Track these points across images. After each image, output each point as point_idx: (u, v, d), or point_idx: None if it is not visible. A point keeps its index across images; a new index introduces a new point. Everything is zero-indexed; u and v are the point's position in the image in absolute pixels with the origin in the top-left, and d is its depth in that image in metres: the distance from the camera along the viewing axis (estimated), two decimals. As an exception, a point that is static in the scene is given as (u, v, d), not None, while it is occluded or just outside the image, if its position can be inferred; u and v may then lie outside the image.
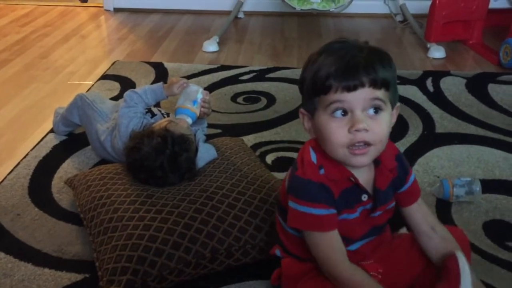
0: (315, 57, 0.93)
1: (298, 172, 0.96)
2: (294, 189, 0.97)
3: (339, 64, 0.89)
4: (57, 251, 1.28)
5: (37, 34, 2.94)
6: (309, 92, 0.94)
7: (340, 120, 0.91)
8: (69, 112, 1.73)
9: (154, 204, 1.25)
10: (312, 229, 0.96)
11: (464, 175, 1.54)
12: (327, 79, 0.89)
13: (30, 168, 1.62)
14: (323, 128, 0.92)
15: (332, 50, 0.92)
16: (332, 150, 0.93)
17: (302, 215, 0.95)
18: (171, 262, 1.12)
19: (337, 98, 0.89)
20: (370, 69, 0.89)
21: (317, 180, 0.94)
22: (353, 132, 0.89)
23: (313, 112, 0.94)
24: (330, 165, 0.96)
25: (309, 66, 0.93)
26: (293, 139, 1.80)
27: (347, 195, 0.97)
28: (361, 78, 0.88)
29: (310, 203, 0.94)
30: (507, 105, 2.04)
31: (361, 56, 0.90)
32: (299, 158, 0.99)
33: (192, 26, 3.10)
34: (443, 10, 2.49)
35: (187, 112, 1.55)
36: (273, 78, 2.30)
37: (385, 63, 0.91)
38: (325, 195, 0.94)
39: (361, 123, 0.89)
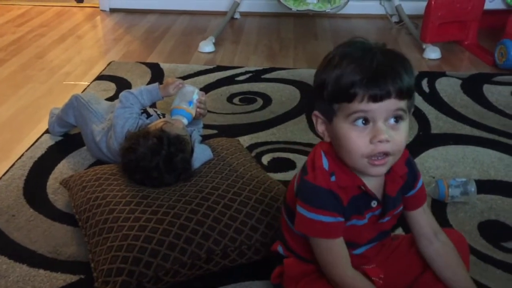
0: (337, 60, 0.88)
1: (308, 177, 0.94)
2: (303, 194, 0.96)
3: (366, 72, 0.85)
4: (52, 252, 1.27)
5: (33, 34, 2.93)
6: (330, 97, 0.89)
7: (361, 129, 0.88)
8: (64, 112, 1.73)
9: (150, 205, 1.25)
10: (319, 236, 0.95)
11: (459, 176, 1.55)
12: (352, 86, 0.85)
13: (25, 169, 1.62)
14: (343, 136, 0.90)
15: (355, 54, 0.88)
16: (351, 159, 0.91)
17: (310, 221, 0.94)
18: (167, 263, 1.12)
19: (362, 108, 0.86)
20: (397, 78, 0.86)
21: (328, 187, 0.93)
22: (375, 142, 0.87)
23: (331, 117, 0.91)
24: (341, 172, 0.94)
25: (330, 69, 0.89)
26: (289, 139, 1.80)
27: (357, 202, 0.96)
28: (388, 88, 0.85)
29: (320, 210, 0.93)
30: (502, 105, 2.05)
31: (388, 63, 0.87)
32: (310, 162, 0.97)
33: (188, 26, 3.10)
34: (439, 11, 2.50)
35: (183, 113, 1.54)
36: (269, 78, 2.30)
37: (409, 70, 0.88)
38: (334, 202, 0.93)
39: (384, 134, 0.87)
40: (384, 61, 0.87)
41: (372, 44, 0.91)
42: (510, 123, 1.91)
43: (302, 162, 1.61)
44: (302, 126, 1.88)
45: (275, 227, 1.21)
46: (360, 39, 0.93)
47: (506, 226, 1.38)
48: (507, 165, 1.64)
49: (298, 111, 2.00)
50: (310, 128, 1.86)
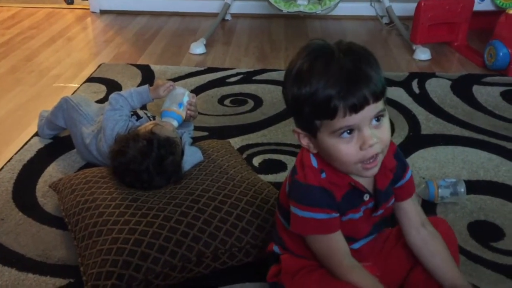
0: (305, 75, 0.87)
1: (298, 177, 0.95)
2: (295, 194, 0.96)
3: (340, 84, 0.84)
4: (41, 256, 1.26)
5: (23, 37, 2.91)
6: (309, 115, 0.89)
7: (348, 139, 0.88)
8: (54, 115, 1.72)
9: (140, 207, 1.24)
10: (314, 233, 0.96)
11: (449, 176, 1.55)
12: (331, 101, 0.84)
13: (14, 172, 1.61)
14: (332, 149, 0.90)
15: (320, 65, 0.87)
16: (344, 167, 0.92)
17: (304, 220, 0.94)
18: (157, 266, 1.12)
19: (346, 123, 0.86)
20: (371, 83, 0.85)
21: (318, 184, 0.93)
22: (365, 149, 0.88)
23: (314, 133, 0.91)
24: (330, 171, 0.95)
25: (301, 86, 0.87)
26: (280, 141, 1.80)
27: (350, 197, 0.97)
28: (365, 96, 0.85)
29: (312, 208, 0.93)
30: (491, 106, 2.06)
31: (356, 68, 0.86)
32: (298, 162, 0.97)
33: (179, 28, 3.10)
34: (429, 12, 2.51)
35: (173, 115, 1.54)
36: (260, 80, 2.30)
37: (377, 68, 0.88)
38: (327, 199, 0.93)
39: (371, 139, 0.87)
40: (352, 66, 0.86)
41: (332, 47, 0.89)
42: (499, 124, 1.92)
43: (293, 164, 1.63)
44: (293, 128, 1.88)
45: (266, 229, 1.21)
46: (318, 42, 0.92)
47: (495, 226, 1.38)
48: (496, 165, 1.65)
49: (289, 113, 1.99)
50: (301, 130, 1.86)
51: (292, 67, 0.91)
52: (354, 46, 0.90)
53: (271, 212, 1.24)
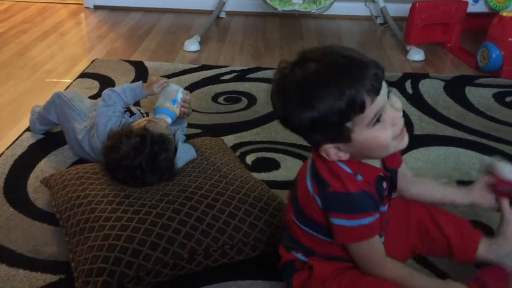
0: (311, 90, 0.85)
1: (334, 187, 0.92)
2: (338, 206, 0.93)
3: (354, 74, 0.84)
4: (32, 252, 1.26)
5: (15, 31, 2.89)
6: (337, 123, 0.86)
7: (382, 125, 0.88)
8: (46, 110, 1.71)
9: (132, 204, 1.24)
10: (363, 239, 0.95)
11: (441, 177, 1.56)
12: (356, 97, 0.84)
13: (5, 167, 1.59)
14: (373, 141, 0.89)
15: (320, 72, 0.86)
16: (383, 152, 0.92)
17: (352, 229, 0.93)
18: (149, 263, 1.11)
19: (376, 108, 0.86)
20: (369, 61, 0.87)
21: (360, 189, 0.92)
22: (397, 123, 0.90)
23: (347, 137, 0.88)
24: (363, 169, 0.94)
25: (314, 104, 0.85)
26: (274, 139, 1.80)
27: (379, 190, 0.97)
28: (377, 74, 0.86)
29: (360, 214, 0.92)
30: (484, 107, 2.08)
31: (359, 56, 0.87)
32: (326, 173, 0.94)
33: (173, 25, 3.09)
34: (423, 13, 2.52)
35: (167, 112, 1.53)
36: (254, 78, 2.30)
37: (356, 50, 0.91)
38: (370, 201, 0.93)
39: (398, 112, 0.89)
40: (344, 59, 0.86)
41: (306, 56, 0.89)
42: (491, 125, 1.93)
43: (286, 162, 1.65)
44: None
45: (258, 227, 1.21)
46: (287, 64, 0.90)
47: (487, 226, 1.39)
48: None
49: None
50: (294, 128, 1.86)
51: (287, 94, 0.89)
52: (321, 47, 0.91)
53: (263, 210, 1.24)
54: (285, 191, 1.48)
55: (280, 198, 1.31)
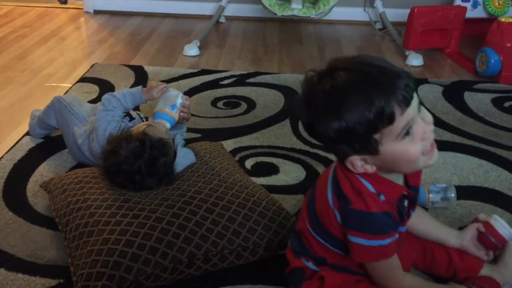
0: (339, 100, 0.83)
1: (356, 206, 0.91)
2: (359, 225, 0.92)
3: (386, 85, 0.82)
4: (31, 256, 1.26)
5: (15, 35, 2.89)
6: (365, 134, 0.84)
7: (411, 138, 0.86)
8: (46, 114, 1.71)
9: (131, 208, 1.24)
10: (381, 259, 0.95)
11: (440, 182, 1.56)
12: (385, 108, 0.82)
13: (5, 171, 1.59)
14: (401, 154, 0.87)
15: (348, 81, 0.84)
16: (411, 167, 0.90)
17: (371, 249, 0.93)
18: (148, 268, 1.11)
19: (405, 120, 0.83)
20: (402, 72, 0.85)
21: (382, 210, 0.91)
22: (427, 137, 0.87)
23: (375, 149, 0.86)
24: (386, 188, 0.93)
25: (342, 112, 0.83)
26: (273, 144, 1.80)
27: (400, 210, 0.96)
28: (409, 84, 0.84)
29: (380, 235, 0.92)
30: (482, 112, 2.08)
31: (389, 66, 0.85)
32: (348, 190, 0.93)
33: (173, 29, 3.09)
34: (422, 18, 2.53)
35: (166, 117, 1.54)
36: (254, 83, 2.31)
37: (386, 60, 0.89)
38: (391, 222, 0.92)
39: (429, 125, 0.87)
40: (374, 69, 0.84)
41: (335, 65, 0.87)
42: (489, 130, 1.94)
43: (285, 167, 1.65)
44: (286, 131, 1.89)
45: (257, 231, 1.21)
46: (314, 73, 0.89)
47: (485, 231, 1.39)
48: (486, 171, 1.66)
49: (282, 116, 2.00)
50: (293, 133, 1.87)
51: (314, 104, 0.87)
52: (351, 57, 0.89)
53: (263, 215, 1.25)
54: (284, 195, 1.49)
55: (279, 202, 1.32)
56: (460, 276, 1.13)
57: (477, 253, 1.14)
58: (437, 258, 1.15)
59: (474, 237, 1.14)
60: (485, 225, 1.14)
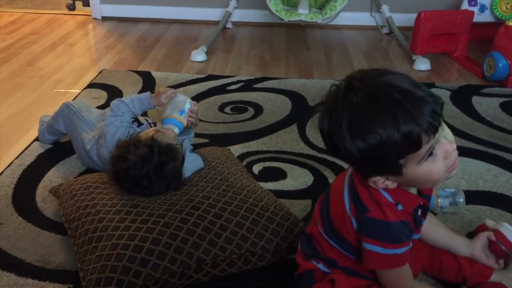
0: (368, 123, 0.81)
1: (373, 214, 0.91)
2: (375, 233, 0.93)
3: (410, 114, 0.79)
4: (40, 261, 1.26)
5: (24, 42, 2.92)
6: (391, 159, 0.83)
7: (433, 158, 0.86)
8: (54, 120, 1.72)
9: (140, 213, 1.25)
10: (394, 267, 0.96)
11: (448, 186, 1.55)
12: (411, 136, 0.80)
13: (14, 177, 1.61)
14: (423, 175, 0.87)
15: (376, 105, 0.81)
16: (433, 184, 0.92)
17: (385, 257, 0.93)
18: (156, 273, 1.12)
19: (430, 145, 0.83)
20: (428, 96, 0.82)
21: (399, 219, 0.91)
22: (449, 156, 0.87)
23: (399, 171, 0.86)
24: (404, 199, 0.93)
25: (369, 136, 0.81)
26: (280, 149, 1.80)
27: (415, 219, 0.97)
28: (436, 111, 0.82)
29: (396, 244, 0.92)
30: (491, 117, 2.07)
31: (418, 90, 0.82)
32: (366, 198, 0.93)
33: (180, 35, 3.11)
34: (429, 23, 2.53)
35: (174, 122, 1.55)
36: (261, 88, 2.31)
37: (413, 79, 0.86)
38: (408, 231, 0.93)
39: (452, 145, 0.87)
40: (415, 90, 0.81)
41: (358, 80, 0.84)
42: (498, 135, 1.93)
43: (293, 172, 1.65)
44: (293, 136, 1.89)
45: (266, 236, 1.21)
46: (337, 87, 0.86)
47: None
48: (494, 175, 1.65)
49: (289, 121, 2.00)
50: (301, 138, 1.87)
51: (338, 121, 0.84)
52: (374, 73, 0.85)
53: (271, 220, 1.25)
54: (292, 200, 1.49)
55: (287, 207, 1.32)
56: (470, 282, 1.13)
57: (488, 262, 1.13)
58: (445, 264, 1.15)
59: (485, 246, 1.13)
60: (495, 233, 1.13)
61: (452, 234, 1.17)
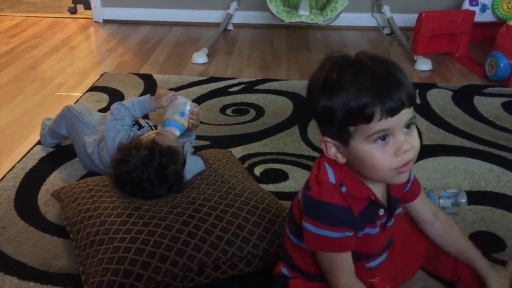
0: (336, 82, 0.86)
1: (312, 193, 0.93)
2: (310, 211, 0.94)
3: (376, 89, 0.84)
4: (42, 265, 1.27)
5: (26, 46, 2.93)
6: (343, 122, 0.87)
7: (383, 145, 0.87)
8: (56, 124, 1.73)
9: (141, 216, 1.25)
10: (326, 250, 0.95)
11: (450, 187, 1.55)
12: (367, 107, 0.84)
13: (16, 180, 1.61)
14: (367, 156, 0.88)
15: (350, 71, 0.86)
16: (377, 174, 0.91)
17: (320, 237, 0.93)
18: (158, 275, 1.12)
19: (382, 127, 0.85)
20: (406, 86, 0.85)
21: (336, 202, 0.91)
22: (400, 155, 0.87)
23: (346, 140, 0.89)
24: (351, 183, 0.93)
25: (334, 94, 0.86)
26: (282, 151, 1.80)
27: (368, 211, 0.96)
28: (402, 98, 0.85)
29: (328, 226, 0.92)
30: (492, 117, 2.07)
31: (388, 73, 0.86)
32: (313, 177, 0.95)
33: (182, 38, 3.12)
34: (430, 23, 2.53)
35: (175, 124, 1.55)
36: (262, 90, 2.31)
37: (404, 73, 0.88)
38: (343, 217, 0.92)
39: (406, 144, 0.87)
40: (384, 71, 0.86)
41: (358, 56, 0.89)
42: (500, 134, 1.93)
43: (295, 173, 1.65)
44: (295, 137, 1.89)
45: (267, 239, 1.21)
46: (340, 54, 0.91)
47: (496, 237, 1.38)
48: (497, 176, 1.65)
49: (291, 122, 2.00)
50: (302, 139, 1.87)
51: (317, 78, 0.90)
52: (378, 56, 0.90)
53: (272, 222, 1.25)
54: (294, 202, 1.48)
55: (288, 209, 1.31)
56: (464, 283, 1.12)
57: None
58: (442, 261, 1.13)
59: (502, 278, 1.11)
60: None
61: (472, 246, 1.12)
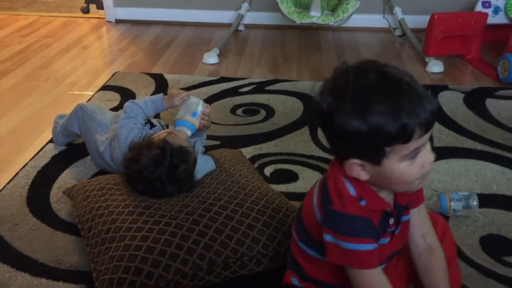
0: (369, 104, 0.82)
1: (335, 206, 0.91)
2: (333, 225, 0.92)
3: (414, 106, 0.81)
4: (54, 261, 1.28)
5: (39, 45, 2.96)
6: (378, 144, 0.84)
7: (413, 161, 0.87)
8: (69, 122, 1.74)
9: (152, 215, 1.26)
10: (354, 265, 0.92)
11: (462, 189, 1.55)
12: (407, 126, 0.81)
13: (29, 178, 1.63)
14: (401, 174, 0.87)
15: (384, 91, 0.83)
16: (405, 188, 0.91)
17: (343, 251, 0.91)
18: (168, 274, 1.12)
19: (419, 144, 0.84)
20: (430, 97, 0.84)
21: (360, 214, 0.90)
22: (426, 166, 0.88)
23: (379, 160, 0.86)
24: (369, 196, 0.92)
25: (367, 117, 0.82)
26: (292, 151, 1.80)
27: (383, 222, 0.96)
28: (435, 111, 0.84)
29: (356, 238, 0.90)
30: (505, 119, 2.05)
31: (415, 87, 0.83)
32: (333, 191, 0.93)
33: (193, 38, 3.13)
34: (442, 25, 2.51)
35: (187, 124, 1.56)
36: (273, 90, 2.32)
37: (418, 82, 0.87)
38: (368, 228, 0.91)
39: (432, 157, 0.88)
40: (409, 88, 0.83)
41: (377, 68, 0.86)
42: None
43: (305, 174, 1.65)
44: (305, 138, 1.89)
45: (277, 239, 1.22)
46: (355, 66, 0.87)
47: (507, 240, 1.37)
48: (509, 179, 1.64)
49: (301, 123, 2.00)
50: (312, 140, 1.87)
51: (340, 95, 0.85)
52: (393, 66, 0.87)
53: (282, 222, 1.25)
54: (304, 203, 1.48)
55: (298, 210, 1.32)
56: None
57: None
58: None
59: None
60: None
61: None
